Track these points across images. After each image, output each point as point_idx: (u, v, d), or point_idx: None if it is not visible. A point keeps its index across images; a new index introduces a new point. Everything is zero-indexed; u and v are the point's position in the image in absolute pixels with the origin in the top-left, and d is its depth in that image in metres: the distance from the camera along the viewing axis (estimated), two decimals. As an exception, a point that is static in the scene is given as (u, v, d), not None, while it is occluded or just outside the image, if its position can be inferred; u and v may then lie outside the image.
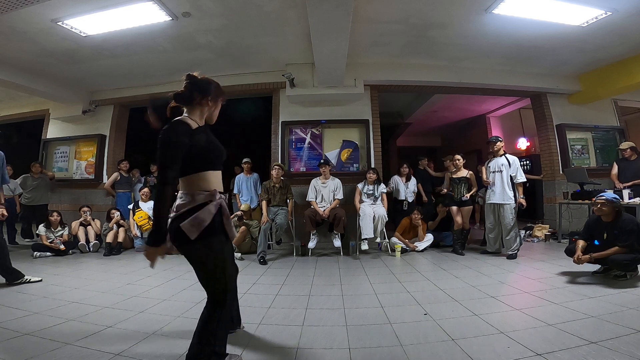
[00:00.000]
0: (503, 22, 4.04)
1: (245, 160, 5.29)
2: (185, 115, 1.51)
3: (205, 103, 1.55)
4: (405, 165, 5.26)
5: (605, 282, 2.82)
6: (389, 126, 9.00)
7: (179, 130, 1.39)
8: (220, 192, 1.52)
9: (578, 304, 2.32)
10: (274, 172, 4.53)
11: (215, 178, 1.52)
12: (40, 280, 3.12)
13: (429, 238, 4.61)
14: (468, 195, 4.37)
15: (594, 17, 3.88)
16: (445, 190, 4.60)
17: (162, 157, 1.34)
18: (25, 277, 3.07)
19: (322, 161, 4.80)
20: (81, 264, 4.09)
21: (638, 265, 2.82)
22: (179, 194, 1.46)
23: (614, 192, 3.61)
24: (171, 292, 2.86)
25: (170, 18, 3.81)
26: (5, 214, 3.03)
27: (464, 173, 4.47)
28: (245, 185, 5.16)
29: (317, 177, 4.75)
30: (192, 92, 1.52)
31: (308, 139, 5.44)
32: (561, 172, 5.66)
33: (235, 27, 4.13)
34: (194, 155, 1.43)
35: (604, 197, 2.95)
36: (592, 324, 1.97)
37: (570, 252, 3.07)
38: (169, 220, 1.40)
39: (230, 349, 1.79)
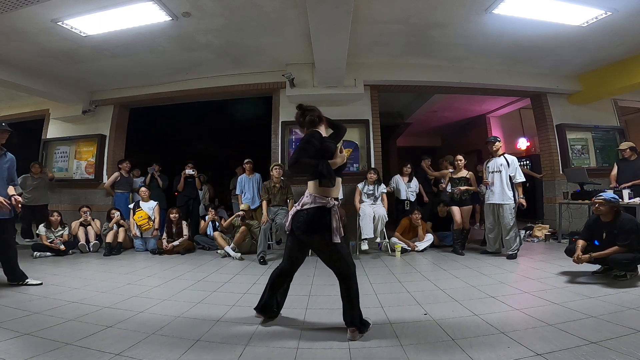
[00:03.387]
0: (503, 22, 4.04)
1: (247, 160, 5.27)
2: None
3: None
4: (408, 165, 5.26)
5: (605, 282, 2.82)
6: (389, 126, 9.00)
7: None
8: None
9: (578, 304, 2.32)
10: (274, 172, 4.52)
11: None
12: (41, 284, 3.06)
13: (428, 238, 4.62)
14: (463, 188, 4.37)
15: (594, 17, 3.88)
16: (443, 186, 4.59)
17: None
18: (27, 280, 3.05)
19: None
20: (81, 264, 4.09)
21: (638, 265, 2.82)
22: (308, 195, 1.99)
23: (614, 192, 3.61)
24: (171, 292, 2.86)
25: (170, 18, 3.80)
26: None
27: (463, 173, 4.47)
28: (247, 185, 5.16)
29: (317, 177, 4.74)
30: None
31: (308, 139, 5.43)
32: (561, 172, 5.66)
33: (235, 27, 4.13)
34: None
35: (602, 197, 2.95)
36: (592, 324, 1.97)
37: (570, 252, 3.06)
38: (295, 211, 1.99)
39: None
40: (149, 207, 5.08)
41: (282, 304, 2.24)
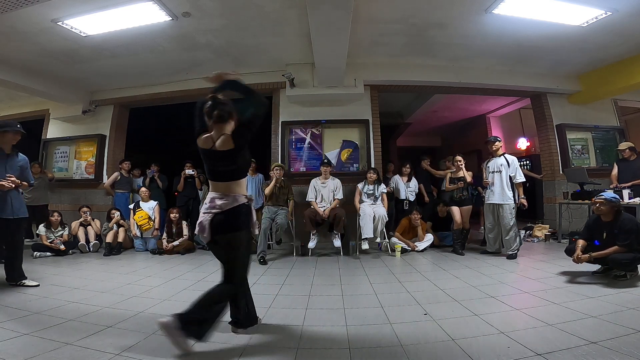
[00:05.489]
0: (503, 22, 4.04)
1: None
2: None
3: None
4: (407, 165, 5.27)
5: (605, 282, 2.82)
6: (389, 126, 8.98)
7: None
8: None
9: (578, 304, 2.32)
10: (275, 173, 4.52)
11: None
12: (38, 286, 3.01)
13: (428, 238, 4.62)
14: (453, 186, 4.38)
15: (594, 17, 3.88)
16: (449, 186, 4.59)
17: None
18: (24, 281, 3.03)
19: (325, 161, 4.80)
20: (81, 264, 4.09)
21: (638, 265, 2.82)
22: (225, 196, 1.87)
23: (614, 192, 3.61)
24: (171, 292, 2.87)
25: (170, 18, 3.80)
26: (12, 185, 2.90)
27: (462, 173, 4.47)
28: (250, 185, 5.15)
29: (317, 177, 4.75)
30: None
31: (308, 139, 5.44)
32: (561, 172, 5.66)
33: (235, 27, 4.13)
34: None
35: (602, 197, 2.95)
36: (592, 324, 1.97)
37: (570, 252, 3.07)
38: (212, 214, 1.81)
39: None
40: (149, 207, 5.08)
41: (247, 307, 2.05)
